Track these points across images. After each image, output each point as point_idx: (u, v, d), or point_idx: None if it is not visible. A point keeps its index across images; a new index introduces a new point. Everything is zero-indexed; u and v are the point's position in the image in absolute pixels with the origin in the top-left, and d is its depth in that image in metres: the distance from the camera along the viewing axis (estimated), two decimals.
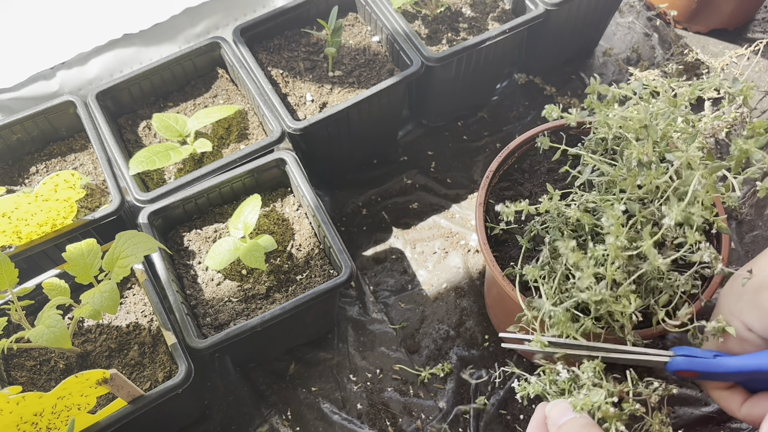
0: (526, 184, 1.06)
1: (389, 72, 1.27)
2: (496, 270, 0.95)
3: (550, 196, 0.88)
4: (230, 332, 0.97)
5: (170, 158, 1.12)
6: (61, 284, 0.95)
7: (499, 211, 0.88)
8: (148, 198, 1.10)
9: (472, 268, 1.28)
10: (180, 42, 1.35)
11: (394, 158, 1.43)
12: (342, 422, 1.13)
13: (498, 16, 1.34)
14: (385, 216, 1.36)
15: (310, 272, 1.09)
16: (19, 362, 0.99)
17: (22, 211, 0.97)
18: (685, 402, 1.13)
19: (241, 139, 1.21)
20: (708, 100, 1.42)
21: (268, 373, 1.18)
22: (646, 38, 1.60)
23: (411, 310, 1.24)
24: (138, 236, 0.93)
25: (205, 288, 1.07)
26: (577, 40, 1.49)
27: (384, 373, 1.18)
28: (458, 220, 1.34)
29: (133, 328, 1.02)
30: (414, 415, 1.13)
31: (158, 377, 0.96)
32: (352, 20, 1.36)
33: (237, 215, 1.08)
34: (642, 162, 0.80)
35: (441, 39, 1.30)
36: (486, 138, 1.45)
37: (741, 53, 1.52)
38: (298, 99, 1.25)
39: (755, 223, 1.31)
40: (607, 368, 0.77)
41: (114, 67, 1.31)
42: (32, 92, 1.26)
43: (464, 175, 1.40)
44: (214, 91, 1.28)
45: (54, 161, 1.21)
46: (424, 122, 1.47)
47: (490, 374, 1.17)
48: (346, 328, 1.23)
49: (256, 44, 1.31)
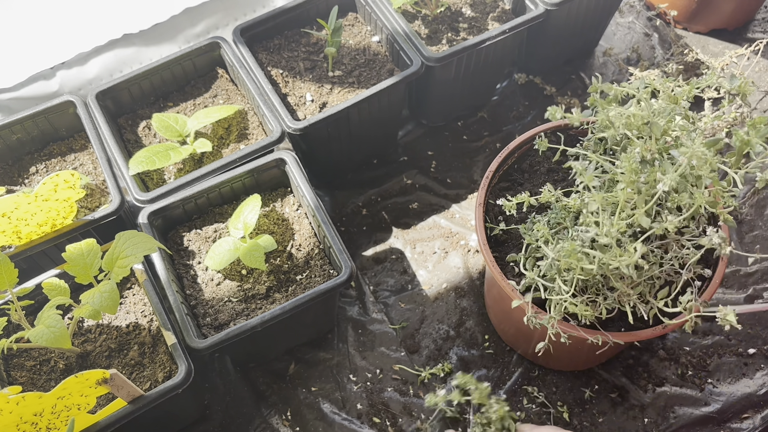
0: (526, 185, 1.06)
1: (389, 72, 1.27)
2: (496, 270, 0.95)
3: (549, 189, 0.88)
4: (230, 332, 0.97)
5: (170, 158, 1.12)
6: (61, 284, 0.95)
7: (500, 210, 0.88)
8: (148, 198, 1.09)
9: (472, 268, 1.28)
10: (180, 42, 1.35)
11: (394, 158, 1.43)
12: (342, 422, 1.13)
13: (498, 16, 1.34)
14: (385, 216, 1.35)
15: (310, 272, 1.08)
16: (19, 362, 0.99)
17: (22, 211, 0.97)
18: (685, 402, 1.13)
19: (241, 139, 1.21)
20: (708, 100, 1.42)
21: (268, 373, 1.18)
22: (646, 38, 1.60)
23: (411, 310, 1.24)
24: (138, 236, 0.93)
25: (205, 288, 1.07)
26: (577, 40, 1.49)
27: (384, 373, 1.18)
28: (458, 220, 1.34)
29: (133, 328, 1.01)
30: (414, 415, 1.13)
31: (158, 377, 0.96)
32: (352, 20, 1.36)
33: (237, 215, 1.08)
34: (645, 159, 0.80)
35: (441, 39, 1.30)
36: (486, 138, 1.45)
37: (741, 53, 1.52)
38: (298, 99, 1.25)
39: (755, 223, 1.31)
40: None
41: (114, 67, 1.31)
42: (32, 92, 1.26)
43: (464, 175, 1.40)
44: (214, 91, 1.28)
45: (54, 161, 1.21)
46: (424, 122, 1.47)
47: (490, 374, 1.17)
48: (346, 328, 1.23)
49: (256, 44, 1.31)
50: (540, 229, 0.87)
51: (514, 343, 1.17)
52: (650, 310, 0.86)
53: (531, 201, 0.90)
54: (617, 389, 1.14)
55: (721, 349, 1.18)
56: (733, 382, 1.15)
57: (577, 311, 0.83)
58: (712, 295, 0.89)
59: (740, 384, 1.14)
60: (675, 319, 0.85)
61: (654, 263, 0.84)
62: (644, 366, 1.16)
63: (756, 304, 1.21)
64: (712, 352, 1.18)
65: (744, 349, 1.18)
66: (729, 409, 1.12)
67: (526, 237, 0.92)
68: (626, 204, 0.76)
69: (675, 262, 0.84)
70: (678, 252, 0.84)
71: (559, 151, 0.97)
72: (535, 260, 0.93)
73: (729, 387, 1.14)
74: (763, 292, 1.23)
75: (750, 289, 1.24)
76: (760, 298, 1.23)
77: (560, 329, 0.87)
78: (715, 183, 0.78)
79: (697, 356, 1.17)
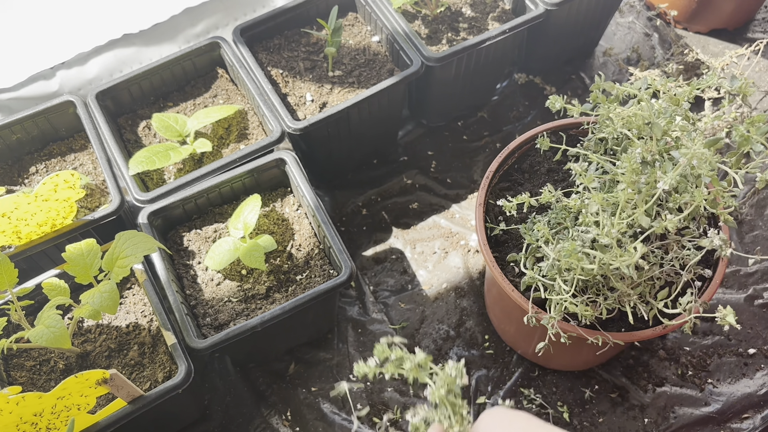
0: (526, 185, 1.06)
1: (389, 72, 1.27)
2: (496, 270, 0.95)
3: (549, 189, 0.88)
4: (230, 332, 0.97)
5: (170, 158, 1.12)
6: (61, 284, 0.95)
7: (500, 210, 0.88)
8: (147, 198, 1.09)
9: (472, 268, 1.28)
10: (180, 42, 1.35)
11: (394, 158, 1.43)
12: (342, 422, 1.13)
13: (498, 16, 1.34)
14: (385, 216, 1.35)
15: (310, 272, 1.08)
16: (18, 362, 0.99)
17: (22, 211, 0.97)
18: (685, 402, 1.13)
19: (240, 139, 1.21)
20: (708, 100, 1.42)
21: (268, 373, 1.18)
22: (646, 38, 1.60)
23: (411, 310, 1.24)
24: (138, 236, 0.93)
25: (205, 288, 1.07)
26: (577, 40, 1.49)
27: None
28: (458, 220, 1.34)
29: (132, 328, 1.01)
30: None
31: (158, 377, 0.96)
32: (352, 20, 1.36)
33: (237, 215, 1.08)
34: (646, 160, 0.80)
35: (441, 39, 1.30)
36: (486, 138, 1.45)
37: (741, 53, 1.52)
38: (298, 99, 1.25)
39: (755, 223, 1.31)
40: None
41: (114, 67, 1.31)
42: (32, 92, 1.26)
43: (464, 175, 1.40)
44: (213, 91, 1.28)
45: (54, 161, 1.21)
46: (424, 122, 1.47)
47: (490, 374, 1.16)
48: (346, 328, 1.23)
49: (256, 44, 1.31)
50: (540, 229, 0.87)
51: (514, 343, 1.17)
52: (650, 311, 0.86)
53: (531, 201, 0.90)
54: (617, 389, 1.14)
55: (721, 349, 1.18)
56: (733, 382, 1.15)
57: (577, 311, 0.83)
58: (712, 295, 0.89)
59: (740, 384, 1.14)
60: (675, 320, 0.85)
61: (654, 264, 0.84)
62: (644, 366, 1.16)
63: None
64: (712, 352, 1.18)
65: (744, 349, 1.18)
66: (729, 409, 1.12)
67: (526, 237, 0.92)
68: (627, 204, 0.76)
69: (675, 263, 0.84)
70: (678, 253, 0.84)
71: (559, 151, 0.97)
72: (536, 260, 0.93)
73: (729, 387, 1.14)
74: (763, 292, 1.23)
75: (750, 289, 1.24)
76: (760, 298, 1.23)
77: (560, 329, 0.87)
78: (715, 183, 0.78)
79: (698, 356, 1.17)
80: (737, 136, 0.77)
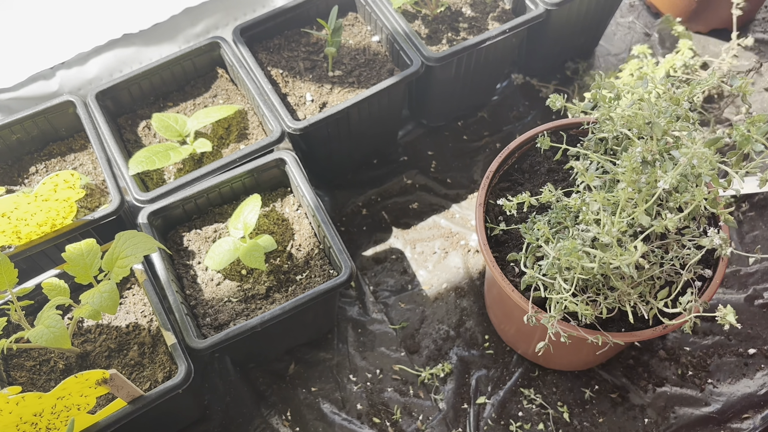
0: (526, 185, 1.06)
1: (389, 72, 1.27)
2: (496, 270, 0.95)
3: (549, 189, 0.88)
4: (230, 332, 0.97)
5: (170, 158, 1.12)
6: (61, 284, 0.95)
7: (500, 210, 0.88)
8: (147, 198, 1.09)
9: (472, 268, 1.28)
10: (180, 42, 1.35)
11: (394, 158, 1.43)
12: (342, 422, 1.13)
13: (498, 16, 1.34)
14: (385, 216, 1.35)
15: (310, 272, 1.08)
16: (18, 362, 0.99)
17: (22, 211, 0.97)
18: (685, 402, 1.13)
19: (240, 139, 1.21)
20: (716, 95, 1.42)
21: (268, 373, 1.18)
22: (646, 38, 1.60)
23: (411, 310, 1.24)
24: (137, 236, 0.93)
25: (205, 288, 1.07)
26: (577, 40, 1.49)
27: (384, 373, 1.18)
28: (458, 220, 1.34)
29: (132, 329, 1.01)
30: (414, 415, 1.13)
31: (158, 377, 0.96)
32: (352, 20, 1.36)
33: (237, 215, 1.08)
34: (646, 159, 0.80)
35: (441, 39, 1.30)
36: (486, 138, 1.45)
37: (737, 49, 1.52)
38: (298, 99, 1.25)
39: (755, 223, 1.31)
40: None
41: (114, 67, 1.31)
42: (32, 92, 1.26)
43: (464, 175, 1.40)
44: (213, 91, 1.28)
45: (54, 161, 1.21)
46: (424, 122, 1.47)
47: (490, 374, 1.16)
48: (346, 328, 1.23)
49: (255, 44, 1.31)
50: (540, 228, 0.87)
51: (515, 343, 1.17)
52: (650, 311, 0.86)
53: (531, 201, 0.90)
54: (617, 389, 1.14)
55: (721, 349, 1.18)
56: (733, 382, 1.15)
57: (577, 310, 0.83)
58: (712, 295, 0.89)
59: (740, 384, 1.14)
60: (675, 320, 0.85)
61: (654, 263, 0.84)
62: (644, 366, 1.16)
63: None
64: (712, 352, 1.18)
65: (744, 349, 1.18)
66: (729, 409, 1.12)
67: (526, 236, 0.92)
68: (627, 203, 0.76)
69: (675, 263, 0.84)
70: (679, 252, 0.84)
71: (560, 151, 0.97)
72: (536, 260, 0.93)
73: (729, 387, 1.14)
74: (763, 292, 1.23)
75: (750, 289, 1.24)
76: (761, 298, 1.23)
77: (560, 329, 0.87)
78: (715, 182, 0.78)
79: (698, 356, 1.17)
80: (737, 135, 0.77)
